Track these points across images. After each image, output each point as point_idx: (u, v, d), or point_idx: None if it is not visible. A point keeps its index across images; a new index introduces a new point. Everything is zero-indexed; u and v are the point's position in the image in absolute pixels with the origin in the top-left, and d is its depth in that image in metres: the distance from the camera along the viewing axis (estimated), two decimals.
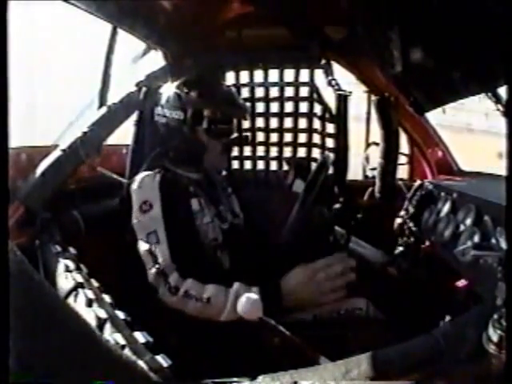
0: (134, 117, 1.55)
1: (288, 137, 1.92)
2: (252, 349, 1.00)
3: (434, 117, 1.79)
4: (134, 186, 1.21)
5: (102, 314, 0.69)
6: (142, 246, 1.09)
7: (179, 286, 1.02)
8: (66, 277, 0.86)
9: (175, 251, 1.07)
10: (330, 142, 1.81)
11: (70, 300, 0.78)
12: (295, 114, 1.88)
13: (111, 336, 0.63)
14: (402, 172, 2.00)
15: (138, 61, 1.63)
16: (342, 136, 1.69)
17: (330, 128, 1.79)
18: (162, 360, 0.59)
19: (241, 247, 1.29)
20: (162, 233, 1.09)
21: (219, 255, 1.25)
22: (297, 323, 1.10)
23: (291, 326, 0.89)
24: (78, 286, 0.81)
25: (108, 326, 0.66)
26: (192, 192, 1.25)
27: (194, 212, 1.22)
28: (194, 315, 1.03)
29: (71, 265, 0.92)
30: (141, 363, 0.55)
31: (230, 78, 1.88)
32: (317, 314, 1.18)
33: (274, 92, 1.86)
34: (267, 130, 1.92)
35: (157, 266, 1.05)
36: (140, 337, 0.65)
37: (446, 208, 1.35)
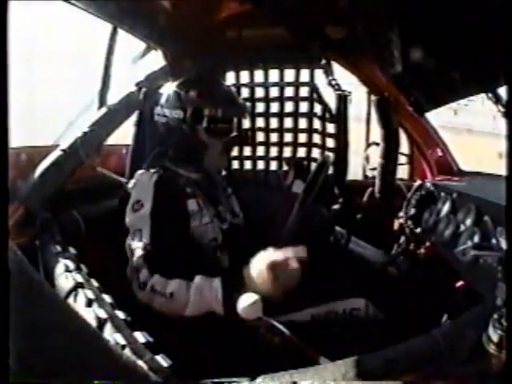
0: (134, 117, 1.55)
1: (288, 137, 1.92)
2: (252, 349, 1.00)
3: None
4: (131, 184, 1.22)
5: (102, 314, 0.69)
6: (127, 242, 1.12)
7: (147, 282, 1.03)
8: (65, 277, 0.86)
9: (155, 252, 1.08)
10: (330, 142, 1.81)
11: (70, 300, 0.78)
12: (295, 114, 1.88)
13: (111, 336, 0.63)
14: (402, 172, 2.00)
15: (138, 61, 1.63)
16: (342, 136, 1.69)
17: (330, 128, 1.79)
18: (162, 360, 0.59)
19: (240, 247, 1.29)
20: (147, 232, 1.09)
21: (219, 255, 1.25)
22: (296, 323, 1.10)
23: (290, 326, 0.89)
24: (78, 286, 0.81)
25: (108, 326, 0.66)
26: (189, 192, 1.25)
27: (192, 213, 1.22)
28: (161, 311, 1.03)
29: (71, 265, 0.92)
30: (141, 363, 0.55)
31: (230, 78, 1.88)
32: (315, 314, 1.18)
33: (274, 92, 1.86)
34: (267, 130, 1.92)
35: (132, 263, 1.07)
36: (140, 337, 0.65)
37: (446, 208, 1.35)
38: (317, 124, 1.86)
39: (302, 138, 1.91)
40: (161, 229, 1.11)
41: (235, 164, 1.95)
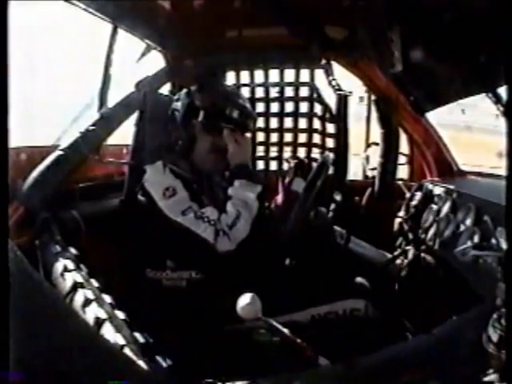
0: (134, 117, 1.55)
1: (288, 137, 1.92)
2: (252, 349, 1.00)
3: None
4: (147, 181, 1.22)
5: (102, 314, 0.69)
6: (185, 221, 1.14)
7: (226, 224, 1.14)
8: (65, 277, 0.86)
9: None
10: (330, 142, 1.81)
11: (70, 300, 0.78)
12: (295, 114, 1.88)
13: (111, 336, 0.63)
14: (402, 172, 2.00)
15: (138, 61, 1.63)
16: (342, 136, 1.69)
17: (330, 128, 1.79)
18: (162, 360, 0.59)
19: (240, 247, 1.29)
20: (196, 207, 1.16)
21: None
22: (296, 323, 1.10)
23: (290, 326, 0.89)
24: (78, 285, 0.81)
25: (107, 326, 0.66)
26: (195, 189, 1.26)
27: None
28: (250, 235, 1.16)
29: (71, 265, 0.92)
30: (141, 363, 0.55)
31: (230, 78, 1.88)
32: (315, 314, 1.18)
33: (274, 92, 1.86)
34: (267, 130, 1.92)
35: (212, 222, 1.14)
36: (140, 337, 0.65)
37: (446, 208, 1.35)
38: (317, 124, 1.86)
39: (302, 138, 1.91)
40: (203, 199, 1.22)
41: None
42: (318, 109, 1.83)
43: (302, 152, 1.94)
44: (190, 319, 1.09)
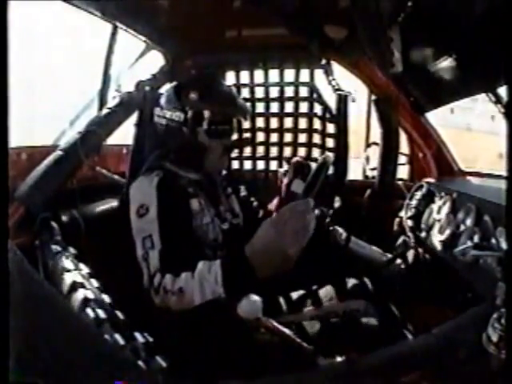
0: (134, 117, 1.55)
1: (288, 137, 1.92)
2: (252, 349, 1.00)
3: None
4: (132, 190, 1.19)
5: (101, 314, 0.69)
6: (139, 252, 1.08)
7: (160, 285, 1.01)
8: (65, 277, 0.86)
9: (168, 255, 1.06)
10: (330, 142, 1.81)
11: (70, 300, 0.78)
12: (295, 114, 1.88)
13: (111, 336, 0.63)
14: (402, 172, 2.00)
15: (138, 61, 1.63)
16: (342, 136, 1.69)
17: (330, 128, 1.80)
18: (162, 360, 0.59)
19: (241, 247, 1.29)
20: (157, 238, 1.07)
21: (219, 255, 1.25)
22: (296, 324, 1.10)
23: (290, 326, 0.89)
24: (78, 285, 0.81)
25: (107, 326, 0.66)
26: (191, 192, 1.25)
27: (194, 212, 1.21)
28: (178, 310, 1.00)
29: (71, 265, 0.92)
30: (141, 363, 0.55)
31: (230, 78, 1.88)
32: (315, 315, 1.18)
33: (274, 92, 1.86)
34: (267, 130, 1.92)
35: (149, 272, 1.05)
36: (140, 337, 0.65)
37: (446, 208, 1.35)
38: (317, 124, 1.86)
39: (302, 138, 1.91)
40: (170, 230, 1.09)
41: (235, 164, 1.96)
42: (317, 109, 1.83)
43: (302, 152, 1.94)
44: (189, 319, 1.09)
